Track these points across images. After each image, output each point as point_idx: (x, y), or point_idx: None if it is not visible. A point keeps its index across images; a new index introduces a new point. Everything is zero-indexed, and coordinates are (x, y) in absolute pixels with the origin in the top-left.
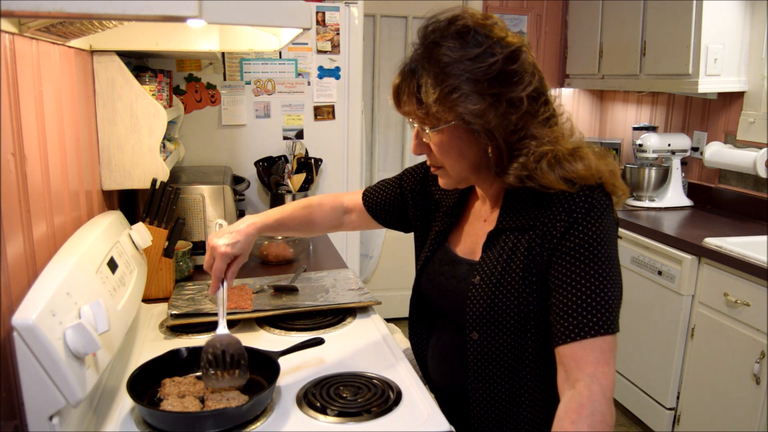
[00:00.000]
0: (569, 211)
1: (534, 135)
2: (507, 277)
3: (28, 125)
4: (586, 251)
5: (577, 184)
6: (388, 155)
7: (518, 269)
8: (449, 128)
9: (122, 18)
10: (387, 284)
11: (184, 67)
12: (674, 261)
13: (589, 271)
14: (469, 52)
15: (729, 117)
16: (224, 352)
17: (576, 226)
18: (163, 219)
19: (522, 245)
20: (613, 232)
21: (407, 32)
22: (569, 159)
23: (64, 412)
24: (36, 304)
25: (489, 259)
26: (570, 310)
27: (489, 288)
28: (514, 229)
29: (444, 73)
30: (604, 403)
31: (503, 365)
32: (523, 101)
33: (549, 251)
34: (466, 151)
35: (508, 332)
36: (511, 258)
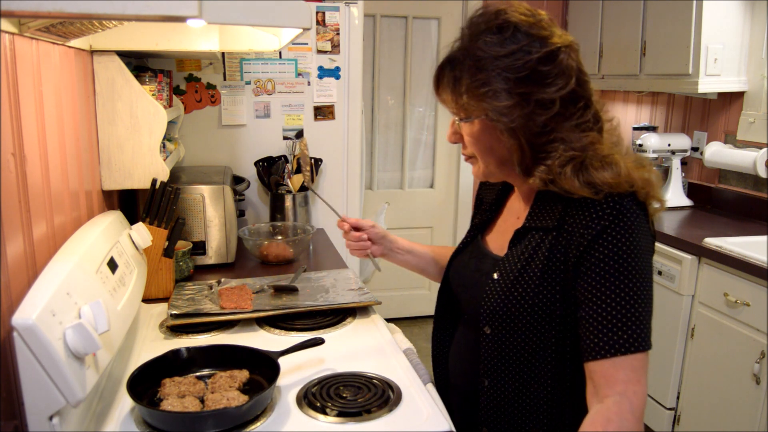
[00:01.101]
0: (597, 217)
1: (563, 138)
2: (525, 276)
3: (28, 125)
4: (616, 263)
5: (602, 191)
6: (388, 155)
7: (537, 269)
8: (479, 122)
9: (122, 18)
10: (387, 284)
11: (184, 67)
12: (674, 261)
13: (619, 284)
14: (504, 48)
15: (729, 117)
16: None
17: (605, 236)
18: (163, 219)
19: (545, 246)
20: (646, 242)
21: (407, 32)
22: (597, 165)
23: (64, 412)
24: (36, 304)
25: (512, 257)
26: (600, 326)
27: (506, 284)
28: (539, 229)
29: (477, 67)
30: (633, 423)
31: (514, 363)
32: (555, 103)
33: (576, 258)
34: (494, 146)
35: (521, 330)
36: (532, 257)
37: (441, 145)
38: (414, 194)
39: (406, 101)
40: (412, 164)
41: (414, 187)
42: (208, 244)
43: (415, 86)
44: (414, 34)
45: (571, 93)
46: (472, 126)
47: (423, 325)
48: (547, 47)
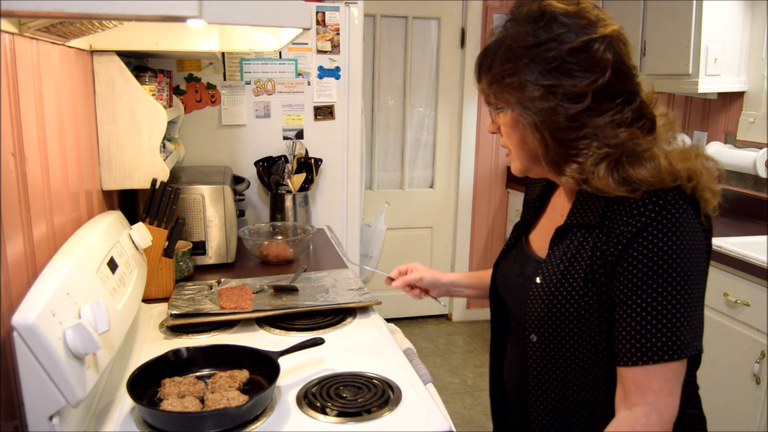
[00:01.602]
0: (638, 213)
1: (596, 134)
2: (569, 278)
3: (28, 125)
4: (655, 264)
5: (640, 189)
6: (388, 155)
7: (581, 269)
8: (510, 113)
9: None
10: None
11: (184, 67)
12: None
13: (656, 287)
14: (536, 38)
15: (729, 117)
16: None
17: (645, 234)
18: (163, 219)
19: (588, 244)
20: (693, 239)
21: (407, 32)
22: (633, 162)
23: (64, 412)
24: (36, 304)
25: (554, 257)
26: (633, 331)
27: (549, 288)
28: (582, 226)
29: (506, 57)
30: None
31: (563, 371)
32: (586, 97)
33: (614, 257)
34: (526, 139)
35: (569, 336)
36: (575, 257)
37: (441, 145)
38: (414, 194)
39: (406, 101)
40: (412, 164)
41: (414, 187)
42: (208, 244)
43: (415, 86)
44: (414, 34)
45: (606, 86)
46: (505, 117)
47: (423, 325)
48: (582, 37)
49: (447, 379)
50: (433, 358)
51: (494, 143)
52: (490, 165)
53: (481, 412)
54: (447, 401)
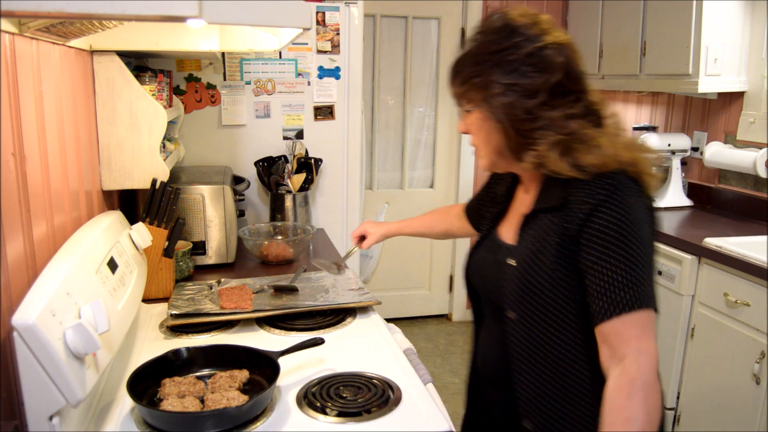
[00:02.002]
0: (593, 193)
1: (550, 126)
2: (540, 256)
3: (28, 125)
4: (614, 231)
5: (588, 172)
6: (388, 155)
7: (551, 248)
8: (477, 112)
9: (122, 18)
10: (387, 284)
11: (184, 67)
12: (674, 261)
13: (619, 251)
14: (498, 45)
15: (729, 117)
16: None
17: (602, 207)
18: (163, 219)
19: (554, 224)
20: (642, 213)
21: (407, 32)
22: (582, 149)
23: (64, 412)
24: (36, 304)
25: (525, 241)
26: (603, 290)
27: (523, 268)
28: (547, 210)
29: (473, 62)
30: (651, 374)
31: (543, 344)
32: (539, 93)
33: (576, 231)
34: (491, 135)
35: (545, 311)
36: (544, 238)
37: (441, 145)
38: (414, 194)
39: (406, 101)
40: (412, 164)
41: (414, 187)
42: (208, 244)
43: (415, 86)
44: (414, 34)
45: (557, 85)
46: (471, 116)
47: (423, 325)
48: (537, 44)
49: (447, 379)
50: (433, 358)
51: None
52: None
53: None
54: (447, 401)
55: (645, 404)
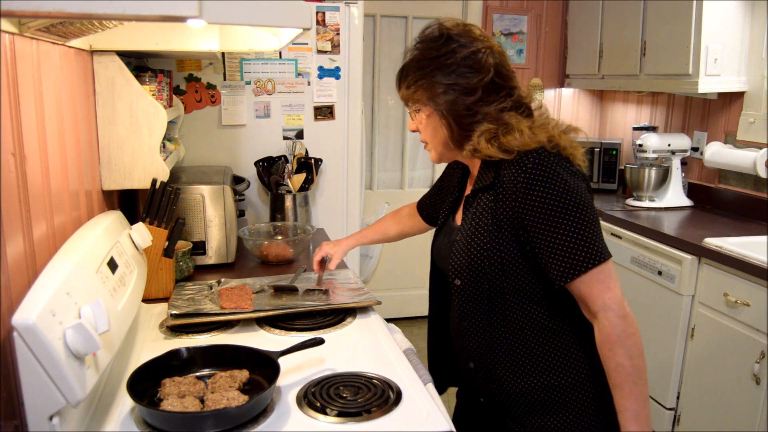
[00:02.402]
0: (523, 169)
1: (485, 118)
2: (480, 230)
3: (28, 125)
4: (554, 198)
5: (513, 152)
6: (388, 155)
7: (488, 222)
8: (424, 110)
9: (122, 18)
10: (387, 284)
11: (184, 67)
12: (674, 261)
13: (563, 215)
14: (438, 51)
15: (729, 117)
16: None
17: (534, 182)
18: (163, 219)
19: (489, 201)
20: (571, 179)
21: (407, 32)
22: (506, 134)
23: (64, 412)
24: (36, 304)
25: (466, 220)
26: (559, 255)
27: (465, 241)
28: (482, 190)
29: (417, 67)
30: (621, 324)
31: (483, 305)
32: (477, 91)
33: (517, 205)
34: (437, 130)
35: (485, 277)
36: (482, 214)
37: None
38: (414, 194)
39: None
40: (412, 164)
41: (414, 187)
42: (208, 244)
43: None
44: (414, 34)
45: (490, 83)
46: (419, 115)
47: (423, 325)
48: (469, 48)
49: None
50: None
51: None
52: None
53: None
54: (447, 401)
55: (624, 350)
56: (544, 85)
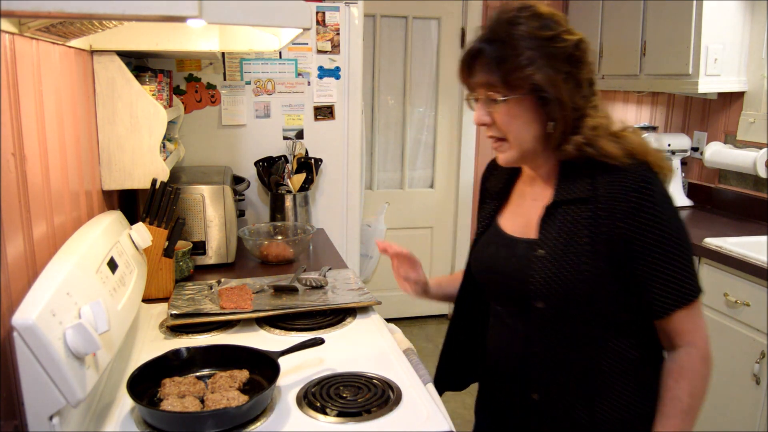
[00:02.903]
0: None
1: (589, 115)
2: (573, 248)
3: (28, 125)
4: (662, 227)
5: (632, 154)
6: (388, 155)
7: (585, 239)
8: (520, 99)
9: (122, 18)
10: (387, 284)
11: (184, 67)
12: None
13: (669, 245)
14: (545, 32)
15: (729, 117)
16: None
17: (645, 203)
18: (163, 219)
19: (585, 216)
20: (673, 205)
21: (407, 32)
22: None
23: (64, 412)
24: (36, 304)
25: (549, 233)
26: (663, 285)
27: (554, 258)
28: (572, 202)
29: (523, 45)
30: (701, 366)
31: (565, 331)
32: (584, 84)
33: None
34: (531, 122)
35: (574, 300)
36: (575, 229)
37: (441, 145)
38: (414, 194)
39: (406, 101)
40: (412, 164)
41: (414, 187)
42: (208, 244)
43: (415, 86)
44: (414, 34)
45: (591, 78)
46: (510, 104)
47: (423, 325)
48: (574, 36)
49: None
50: (433, 358)
51: None
52: None
53: None
54: (447, 401)
55: (690, 388)
56: None
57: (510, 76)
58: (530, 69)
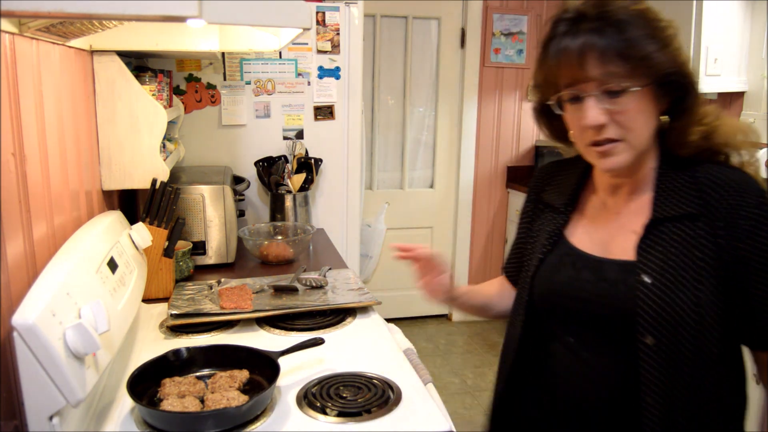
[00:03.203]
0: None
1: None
2: (687, 274)
3: (28, 125)
4: None
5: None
6: (388, 155)
7: (699, 263)
8: (645, 90)
9: (122, 18)
10: (387, 284)
11: (184, 67)
12: None
13: None
14: (663, 22)
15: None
16: None
17: (762, 220)
18: (163, 219)
19: (698, 236)
20: None
21: (407, 32)
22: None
23: (64, 412)
24: (36, 304)
25: (654, 255)
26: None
27: (665, 286)
28: (679, 218)
29: (655, 27)
30: None
31: (682, 372)
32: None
33: (741, 249)
34: (652, 116)
35: (689, 335)
36: (686, 252)
37: (441, 145)
38: (414, 194)
39: (406, 101)
40: (412, 164)
41: (414, 187)
42: (208, 244)
43: (415, 86)
44: (414, 34)
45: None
46: (637, 97)
47: (423, 325)
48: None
49: (447, 379)
50: (433, 358)
51: (494, 143)
52: (490, 165)
53: (481, 413)
54: (447, 401)
55: None
56: None
57: (625, 67)
58: (659, 54)
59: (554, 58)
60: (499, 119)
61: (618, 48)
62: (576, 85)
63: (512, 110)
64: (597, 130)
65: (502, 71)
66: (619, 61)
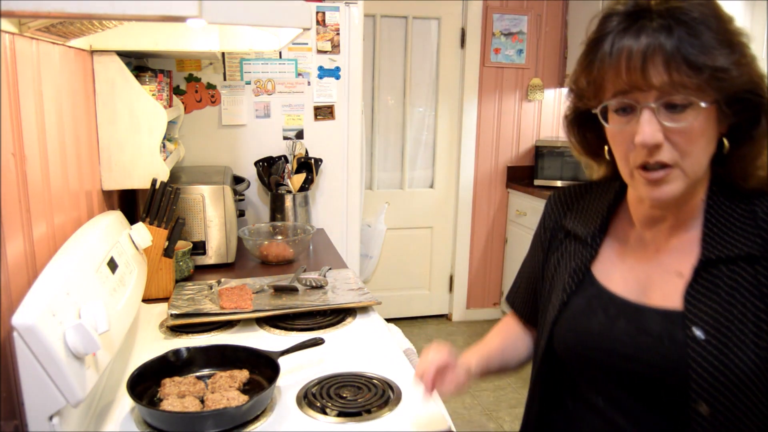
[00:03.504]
0: None
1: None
2: (747, 328)
3: (28, 125)
4: None
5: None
6: (388, 155)
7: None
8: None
9: (122, 18)
10: (387, 284)
11: (184, 67)
12: None
13: None
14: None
15: None
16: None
17: None
18: (163, 219)
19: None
20: None
21: (407, 32)
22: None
23: (64, 412)
24: (36, 304)
25: (706, 305)
26: None
27: (721, 342)
28: (734, 260)
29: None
30: None
31: None
32: None
33: None
34: (712, 140)
35: (750, 401)
36: (744, 300)
37: (441, 145)
38: (414, 194)
39: (406, 101)
40: (412, 164)
41: (414, 187)
42: (208, 244)
43: (415, 86)
44: (414, 34)
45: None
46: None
47: (423, 325)
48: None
49: None
50: None
51: (494, 143)
52: (490, 165)
53: (481, 412)
54: (447, 401)
55: None
56: (544, 85)
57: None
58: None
59: (608, 58)
60: (499, 119)
61: (689, 54)
62: (631, 93)
63: (512, 110)
64: (650, 150)
65: (502, 71)
66: (689, 70)
